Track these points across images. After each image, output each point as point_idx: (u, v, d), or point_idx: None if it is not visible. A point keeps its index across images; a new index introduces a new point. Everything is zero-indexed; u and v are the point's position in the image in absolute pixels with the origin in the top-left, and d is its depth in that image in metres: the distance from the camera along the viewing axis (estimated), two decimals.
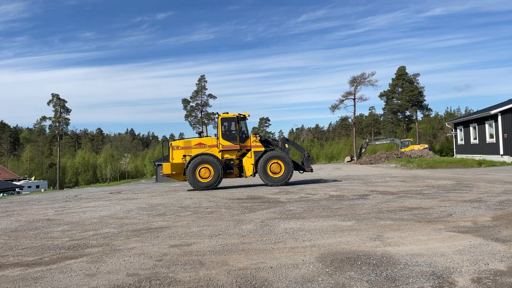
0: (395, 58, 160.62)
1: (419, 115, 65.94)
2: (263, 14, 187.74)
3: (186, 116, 72.57)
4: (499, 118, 25.76)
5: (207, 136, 16.36)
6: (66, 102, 70.86)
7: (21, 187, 48.76)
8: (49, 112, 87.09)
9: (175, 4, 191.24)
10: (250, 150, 15.53)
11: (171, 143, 16.06)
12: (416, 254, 4.63)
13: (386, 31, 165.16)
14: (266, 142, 16.22)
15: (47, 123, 71.97)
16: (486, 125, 27.71)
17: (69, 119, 71.44)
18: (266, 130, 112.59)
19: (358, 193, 11.18)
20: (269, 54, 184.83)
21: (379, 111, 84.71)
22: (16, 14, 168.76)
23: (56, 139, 71.98)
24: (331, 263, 4.43)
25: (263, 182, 15.54)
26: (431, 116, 77.57)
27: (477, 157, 28.04)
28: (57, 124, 70.14)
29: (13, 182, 52.85)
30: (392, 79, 64.89)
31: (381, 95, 65.46)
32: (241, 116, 15.62)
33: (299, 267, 4.32)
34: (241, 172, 15.58)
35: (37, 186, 55.43)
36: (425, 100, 62.22)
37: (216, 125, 15.83)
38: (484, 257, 4.43)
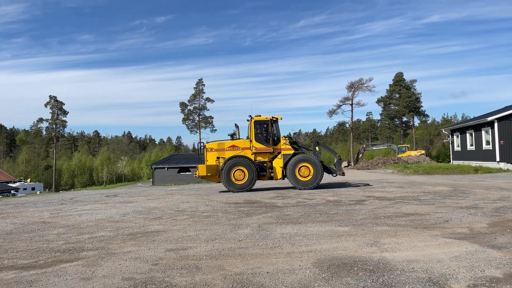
0: (392, 64, 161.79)
1: (416, 121, 66.30)
2: (262, 19, 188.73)
3: (184, 120, 72.59)
4: (496, 125, 25.92)
5: (239, 138, 16.37)
6: (64, 104, 70.83)
7: (16, 189, 48.46)
8: (46, 114, 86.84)
9: (175, 8, 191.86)
10: (280, 152, 15.56)
11: (205, 145, 16.23)
12: (412, 260, 4.63)
13: (384, 37, 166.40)
14: (296, 144, 16.11)
15: (44, 125, 71.84)
16: (483, 132, 27.85)
17: (66, 121, 71.40)
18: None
19: (355, 198, 11.19)
20: (267, 58, 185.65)
21: (376, 116, 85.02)
22: (15, 16, 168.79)
23: (53, 141, 71.74)
24: (328, 268, 4.42)
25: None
26: (428, 122, 77.91)
27: (474, 163, 28.16)
28: (54, 126, 69.95)
29: (9, 184, 52.54)
30: (389, 85, 65.31)
31: (378, 101, 65.83)
32: (274, 119, 15.74)
33: (296, 272, 4.31)
34: (272, 175, 15.61)
35: (33, 188, 55.15)
36: (422, 106, 62.63)
37: (248, 127, 15.93)
38: (480, 263, 4.44)
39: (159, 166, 43.25)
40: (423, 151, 43.81)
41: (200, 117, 72.16)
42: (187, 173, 41.30)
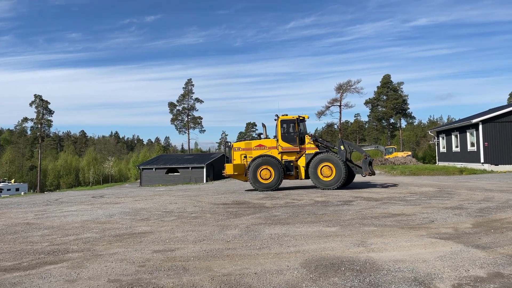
0: (381, 66, 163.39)
1: (403, 123, 67.21)
2: (252, 20, 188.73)
3: (172, 120, 72.14)
4: (480, 127, 26.43)
5: (266, 137, 16.36)
6: (49, 103, 69.66)
7: (0, 190, 47.42)
8: (31, 113, 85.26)
9: (165, 7, 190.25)
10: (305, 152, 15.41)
11: (232, 145, 16.33)
12: (398, 260, 4.68)
13: (373, 39, 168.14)
14: (321, 143, 15.84)
15: (29, 124, 70.55)
16: (468, 134, 28.38)
17: (52, 121, 70.22)
18: (253, 135, 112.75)
19: (342, 199, 11.27)
20: (257, 59, 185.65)
21: (364, 118, 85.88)
22: (0, 13, 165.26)
23: (38, 141, 70.53)
24: (315, 269, 4.44)
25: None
26: (415, 124, 79.04)
27: (459, 164, 28.67)
28: (39, 125, 68.75)
29: None
30: (377, 87, 66.03)
31: (366, 103, 66.49)
32: (301, 118, 15.62)
33: (284, 273, 4.31)
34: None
35: (17, 189, 54.01)
36: (409, 108, 63.50)
37: (275, 126, 15.84)
38: (465, 263, 4.51)
39: (147, 166, 42.85)
40: (409, 153, 44.34)
41: (189, 117, 71.82)
42: (175, 174, 41.01)
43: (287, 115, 15.77)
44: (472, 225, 6.85)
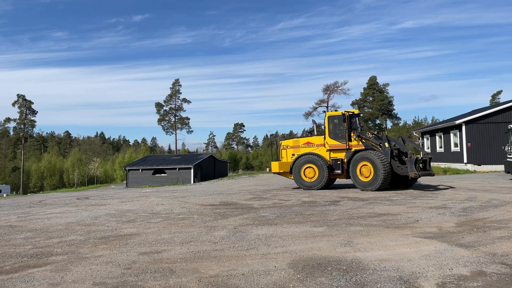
0: (367, 68, 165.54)
1: (389, 124, 68.16)
2: (241, 20, 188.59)
3: (159, 121, 71.61)
4: (463, 128, 26.98)
5: (316, 134, 15.90)
6: (33, 103, 68.35)
7: None
8: (14, 113, 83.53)
9: (153, 7, 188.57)
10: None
11: (280, 143, 16.17)
12: (384, 260, 4.74)
13: (360, 41, 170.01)
14: (368, 139, 14.53)
15: (12, 124, 69.00)
16: (451, 135, 28.94)
17: (35, 121, 68.95)
18: (241, 135, 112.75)
19: (329, 199, 11.36)
20: (246, 60, 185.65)
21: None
22: None
23: (21, 142, 69.08)
24: (303, 269, 4.46)
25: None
26: (400, 124, 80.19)
27: (443, 165, 29.21)
28: (22, 126, 67.37)
29: None
30: (363, 88, 66.85)
31: (353, 104, 67.21)
32: (350, 112, 14.77)
33: (271, 274, 4.32)
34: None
35: None
36: (394, 109, 64.51)
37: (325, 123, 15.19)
38: (449, 262, 4.60)
39: (133, 167, 42.40)
40: None
41: (176, 118, 71.39)
42: (162, 175, 40.69)
43: (336, 110, 15.09)
44: (456, 224, 6.98)
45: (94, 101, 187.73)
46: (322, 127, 15.82)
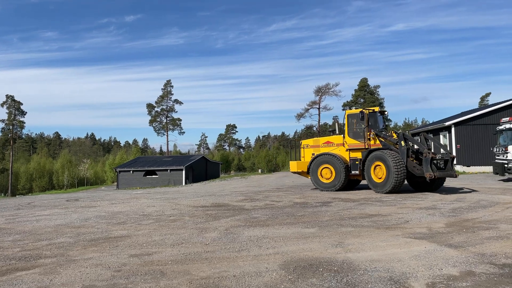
0: (359, 70, 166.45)
1: None
2: (234, 22, 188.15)
3: (151, 122, 71.15)
4: (453, 129, 27.31)
5: (338, 133, 15.41)
6: (22, 104, 67.41)
7: None
8: (3, 114, 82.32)
9: (145, 7, 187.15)
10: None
11: (301, 142, 16.09)
12: (375, 260, 4.77)
13: (351, 43, 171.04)
14: (385, 138, 13.67)
15: (0, 125, 67.92)
16: (441, 136, 29.27)
17: (24, 122, 67.99)
18: (233, 137, 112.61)
19: (321, 200, 11.39)
20: (238, 61, 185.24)
21: (342, 120, 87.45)
22: None
23: (9, 143, 68.07)
24: (294, 270, 4.46)
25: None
26: (391, 126, 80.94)
27: None
28: (11, 127, 66.41)
29: None
30: (354, 90, 67.25)
31: (344, 105, 67.52)
32: (370, 110, 14.10)
33: (262, 275, 4.31)
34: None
35: None
36: (385, 111, 64.93)
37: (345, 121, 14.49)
38: (438, 262, 4.64)
39: (124, 169, 42.04)
40: None
41: (167, 119, 71.02)
42: (153, 176, 40.43)
43: (359, 108, 14.57)
44: (445, 224, 7.06)
45: (85, 102, 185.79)
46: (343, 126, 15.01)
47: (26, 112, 68.22)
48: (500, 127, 18.66)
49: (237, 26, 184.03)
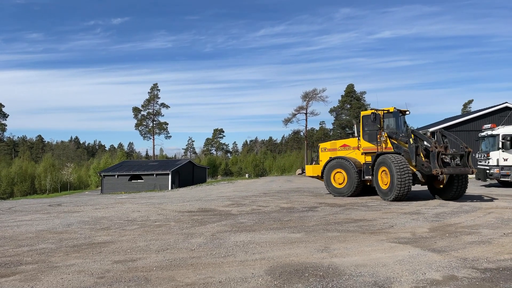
0: (345, 76, 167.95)
1: None
2: (222, 26, 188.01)
3: (137, 125, 70.44)
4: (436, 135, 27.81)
5: (356, 136, 14.54)
6: (3, 106, 65.99)
7: None
8: None
9: (133, 10, 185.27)
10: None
11: (319, 145, 15.82)
12: (360, 265, 4.80)
13: (339, 50, 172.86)
14: (396, 139, 12.84)
15: None
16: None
17: (6, 125, 66.59)
18: (220, 141, 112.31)
19: (307, 205, 11.43)
20: (226, 66, 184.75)
21: (329, 126, 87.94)
22: None
23: None
24: (280, 275, 4.46)
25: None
26: None
27: None
28: None
29: None
30: (341, 95, 68.06)
31: (331, 111, 68.26)
32: (385, 111, 13.24)
33: (248, 281, 4.29)
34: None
35: None
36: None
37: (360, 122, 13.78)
38: (422, 267, 4.70)
39: (108, 173, 41.42)
40: None
41: (154, 122, 70.41)
42: (139, 181, 39.90)
43: (378, 109, 13.30)
44: (429, 229, 7.16)
45: (69, 104, 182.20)
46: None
47: (8, 115, 66.87)
48: (482, 134, 19.09)
49: (225, 31, 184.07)
